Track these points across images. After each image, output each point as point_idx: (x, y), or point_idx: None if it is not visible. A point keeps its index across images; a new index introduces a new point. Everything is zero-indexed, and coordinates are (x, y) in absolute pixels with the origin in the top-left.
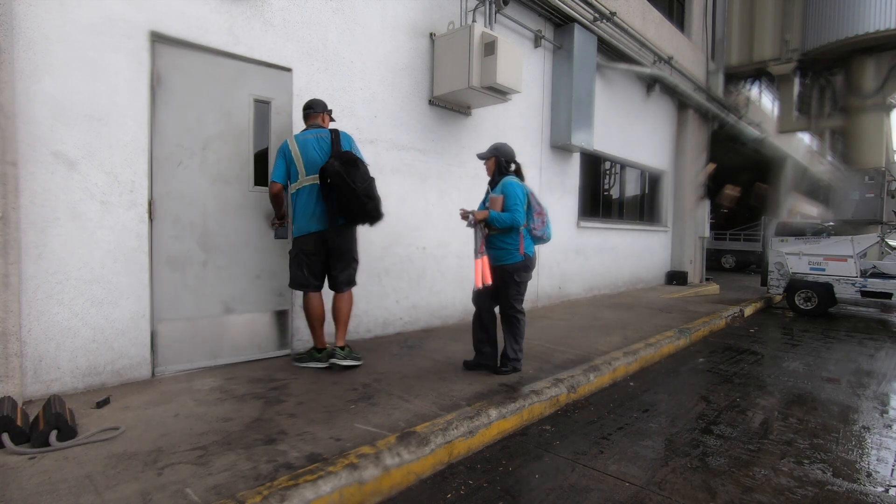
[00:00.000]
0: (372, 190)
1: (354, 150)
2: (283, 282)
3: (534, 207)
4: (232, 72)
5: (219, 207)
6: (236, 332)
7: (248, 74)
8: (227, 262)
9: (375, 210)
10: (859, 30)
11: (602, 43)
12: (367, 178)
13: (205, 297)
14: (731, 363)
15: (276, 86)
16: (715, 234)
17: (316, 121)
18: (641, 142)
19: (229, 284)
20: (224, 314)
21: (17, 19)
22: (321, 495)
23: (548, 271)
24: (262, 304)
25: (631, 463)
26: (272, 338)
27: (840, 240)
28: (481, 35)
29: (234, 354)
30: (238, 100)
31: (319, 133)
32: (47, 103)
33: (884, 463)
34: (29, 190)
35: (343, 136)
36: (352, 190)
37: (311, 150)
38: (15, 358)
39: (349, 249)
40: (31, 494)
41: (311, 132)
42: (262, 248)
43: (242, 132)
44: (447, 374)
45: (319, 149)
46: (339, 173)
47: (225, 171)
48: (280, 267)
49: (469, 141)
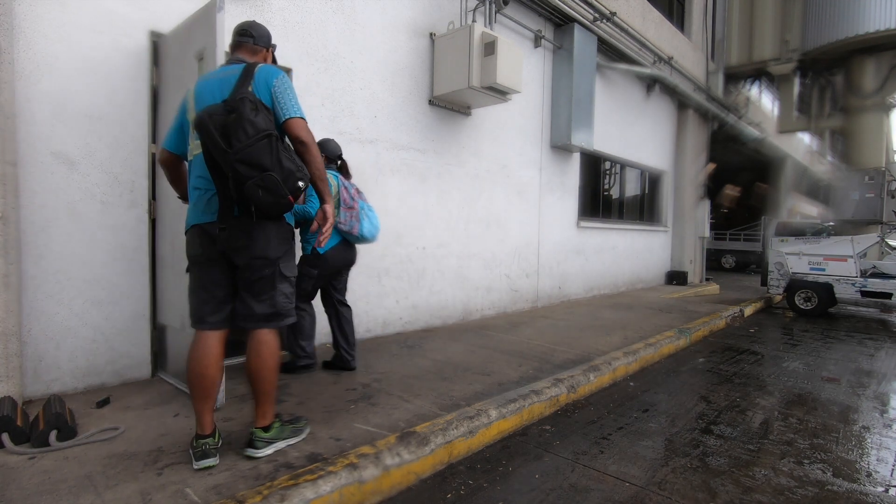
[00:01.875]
0: (261, 155)
1: (273, 95)
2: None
3: (343, 201)
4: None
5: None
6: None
7: (191, 33)
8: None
9: (263, 190)
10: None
11: (602, 43)
12: (255, 135)
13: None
14: (731, 363)
15: (206, 30)
16: (715, 234)
17: (243, 55)
18: (641, 142)
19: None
20: None
21: (17, 19)
22: (321, 495)
23: (548, 271)
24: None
25: (631, 463)
26: None
27: (840, 240)
28: (481, 35)
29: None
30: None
31: (228, 70)
32: (47, 103)
33: (884, 463)
34: (29, 190)
35: (262, 72)
36: (223, 152)
37: (209, 98)
38: (15, 358)
39: (262, 257)
40: (31, 494)
41: (219, 71)
42: None
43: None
44: (447, 374)
45: (221, 95)
46: (205, 125)
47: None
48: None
49: (469, 141)
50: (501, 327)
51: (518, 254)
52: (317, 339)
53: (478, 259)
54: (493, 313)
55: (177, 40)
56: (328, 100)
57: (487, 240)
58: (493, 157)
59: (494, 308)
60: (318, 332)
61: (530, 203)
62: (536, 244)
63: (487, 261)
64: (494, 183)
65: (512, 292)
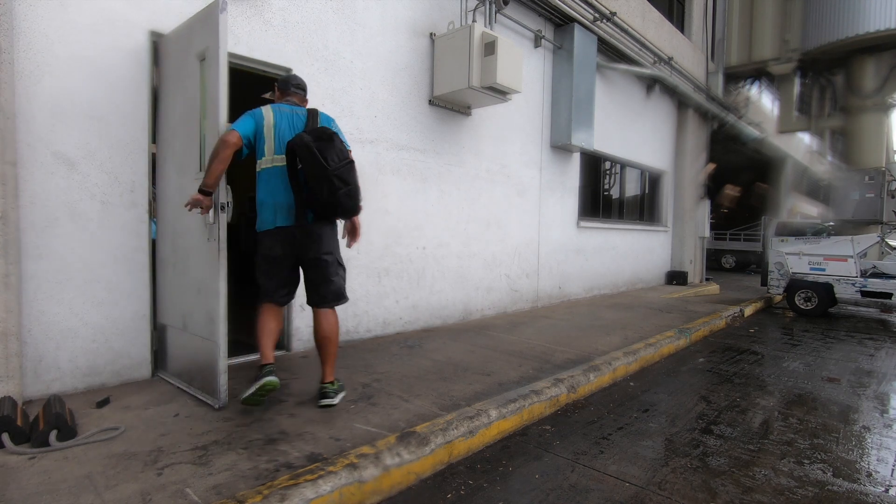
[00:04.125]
0: (349, 174)
1: (335, 129)
2: (209, 298)
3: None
4: (183, 32)
5: (180, 202)
6: (188, 352)
7: (192, 30)
8: (183, 268)
9: (349, 198)
10: (859, 30)
11: (602, 43)
12: (343, 157)
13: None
14: (731, 363)
15: (209, 30)
16: (715, 234)
17: (293, 99)
18: (642, 142)
19: (184, 295)
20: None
21: (17, 19)
22: (321, 494)
23: (548, 271)
24: (201, 327)
25: (631, 463)
26: None
27: (840, 240)
28: (481, 35)
29: (187, 381)
30: (189, 66)
31: (296, 110)
32: (47, 103)
33: (884, 463)
34: (29, 190)
35: (323, 116)
36: (323, 168)
37: (286, 126)
38: (15, 358)
39: (329, 252)
40: (31, 494)
41: (287, 107)
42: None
43: (196, 106)
44: (447, 374)
45: (293, 127)
46: (308, 146)
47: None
48: (210, 279)
49: (469, 141)
50: (501, 327)
51: (518, 254)
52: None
53: (478, 259)
54: (493, 313)
55: (178, 40)
56: (328, 100)
57: (487, 240)
58: (493, 157)
59: (494, 308)
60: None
61: (530, 203)
62: (536, 244)
63: (487, 261)
64: (494, 183)
65: (512, 292)
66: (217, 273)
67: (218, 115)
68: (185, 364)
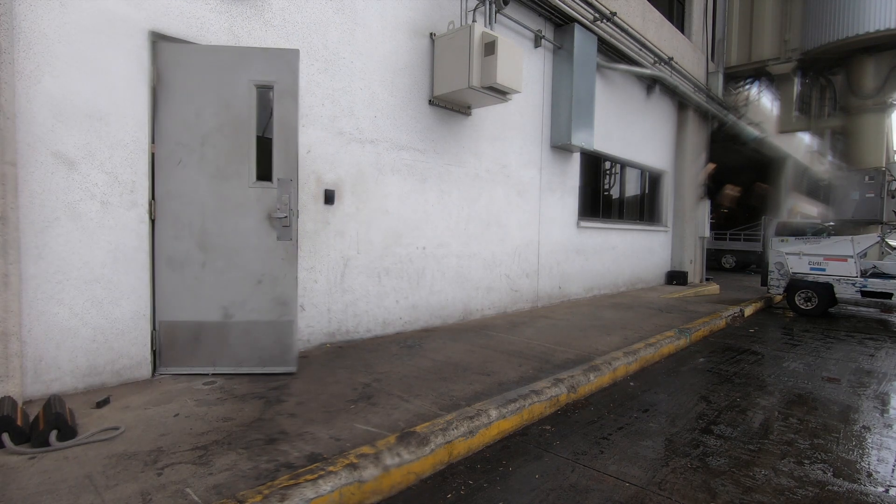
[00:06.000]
0: None
1: None
2: (286, 287)
3: None
4: (231, 55)
5: (217, 206)
6: (234, 339)
7: (248, 57)
8: (225, 265)
9: None
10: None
11: (602, 43)
12: None
13: (202, 299)
14: (731, 363)
15: (280, 66)
16: (715, 234)
17: None
18: (642, 142)
19: (229, 288)
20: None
21: (17, 19)
22: (321, 494)
23: (548, 271)
24: (265, 312)
25: (631, 463)
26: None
27: (840, 240)
28: (481, 35)
29: (235, 364)
30: (238, 87)
31: None
32: (47, 103)
33: (884, 463)
34: (29, 190)
35: None
36: None
37: None
38: (15, 358)
39: None
40: (31, 494)
41: None
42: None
43: (242, 122)
44: (447, 373)
45: None
46: None
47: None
48: (283, 272)
49: (469, 141)
50: (501, 327)
51: (518, 254)
52: (318, 339)
53: (478, 259)
54: (493, 313)
55: (216, 58)
56: (328, 100)
57: (487, 240)
58: (493, 157)
59: (494, 308)
60: (319, 332)
61: (530, 203)
62: (536, 244)
63: (487, 261)
64: (495, 183)
65: (512, 292)
66: (294, 265)
67: (297, 140)
68: (229, 350)
